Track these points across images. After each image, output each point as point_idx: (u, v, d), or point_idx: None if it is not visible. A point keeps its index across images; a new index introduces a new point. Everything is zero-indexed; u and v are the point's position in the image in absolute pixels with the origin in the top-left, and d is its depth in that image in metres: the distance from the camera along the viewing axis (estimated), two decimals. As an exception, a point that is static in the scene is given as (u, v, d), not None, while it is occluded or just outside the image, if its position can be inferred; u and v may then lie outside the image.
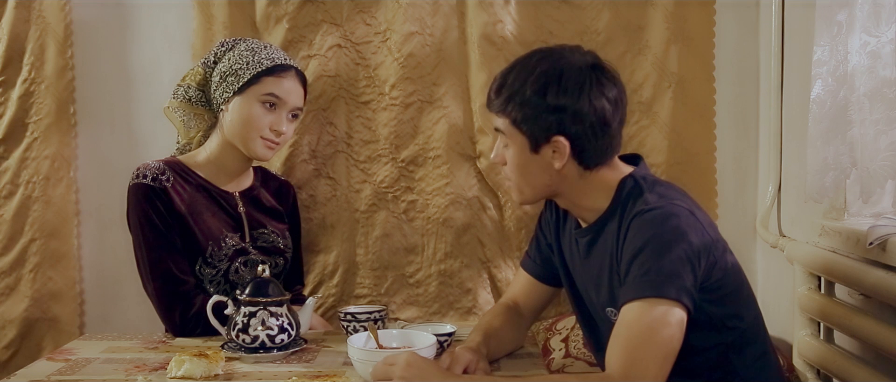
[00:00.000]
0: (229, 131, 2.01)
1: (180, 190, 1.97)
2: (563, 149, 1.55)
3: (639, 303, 1.44)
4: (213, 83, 2.02)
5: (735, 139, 2.38)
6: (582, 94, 1.53)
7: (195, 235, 1.96)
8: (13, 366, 2.27)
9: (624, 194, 1.58)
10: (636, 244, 1.48)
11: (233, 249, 2.00)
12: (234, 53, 2.00)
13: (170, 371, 1.63)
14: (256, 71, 1.96)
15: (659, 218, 1.48)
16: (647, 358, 1.41)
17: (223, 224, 2.01)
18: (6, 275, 2.37)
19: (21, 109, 2.34)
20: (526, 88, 1.55)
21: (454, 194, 2.35)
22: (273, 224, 2.11)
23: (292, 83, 2.00)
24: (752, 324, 1.61)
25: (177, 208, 1.95)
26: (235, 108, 1.98)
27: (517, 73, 1.58)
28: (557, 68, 1.55)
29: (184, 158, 2.05)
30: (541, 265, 1.84)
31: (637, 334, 1.43)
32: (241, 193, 2.08)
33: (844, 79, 1.76)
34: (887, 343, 1.65)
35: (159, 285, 1.93)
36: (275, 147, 2.01)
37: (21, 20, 2.32)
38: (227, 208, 2.03)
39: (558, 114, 1.53)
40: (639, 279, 1.45)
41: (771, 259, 2.26)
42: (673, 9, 2.30)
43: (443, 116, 2.34)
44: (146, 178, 1.95)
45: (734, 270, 1.58)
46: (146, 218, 1.93)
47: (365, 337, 1.70)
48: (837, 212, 1.93)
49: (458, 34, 2.33)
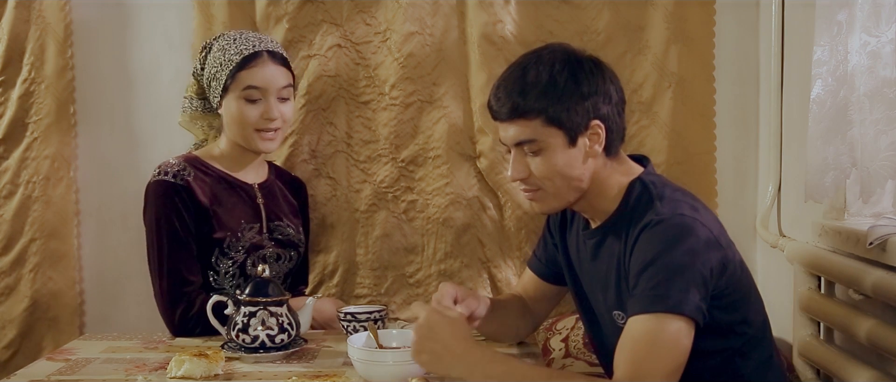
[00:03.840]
0: (229, 132, 2.04)
1: (201, 183, 1.99)
2: (600, 133, 1.54)
3: (647, 316, 1.42)
4: (206, 90, 2.06)
5: (735, 139, 2.38)
6: (604, 76, 1.56)
7: (215, 225, 1.98)
8: (13, 366, 2.27)
9: (633, 199, 1.57)
10: (646, 256, 1.46)
11: (250, 241, 2.01)
12: (211, 56, 2.02)
13: (170, 371, 1.63)
14: (229, 70, 1.97)
15: (669, 230, 1.46)
16: (654, 373, 1.40)
17: (243, 215, 2.03)
18: (6, 275, 2.37)
19: (21, 109, 2.34)
20: (557, 81, 1.52)
21: (454, 194, 2.35)
22: (289, 218, 2.12)
23: (268, 68, 1.99)
24: (759, 330, 1.60)
25: (199, 201, 1.97)
26: (226, 109, 2.01)
27: (535, 72, 1.54)
28: (573, 58, 1.55)
29: (200, 153, 2.07)
30: (545, 264, 1.84)
31: (644, 348, 1.42)
32: (259, 184, 2.09)
33: (844, 79, 1.76)
34: (887, 343, 1.65)
35: (166, 283, 1.94)
36: (274, 136, 2.02)
37: (21, 20, 2.32)
38: (247, 199, 2.05)
39: (593, 98, 1.53)
40: (648, 293, 1.44)
41: (771, 259, 2.26)
42: (673, 9, 2.30)
43: (443, 116, 2.34)
44: (168, 175, 1.96)
45: (744, 276, 1.57)
46: (164, 216, 1.94)
47: (365, 337, 1.70)
48: (837, 212, 1.93)
49: (458, 34, 2.33)
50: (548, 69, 1.53)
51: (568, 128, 1.53)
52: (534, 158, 1.56)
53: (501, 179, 2.31)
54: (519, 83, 1.54)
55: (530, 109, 1.53)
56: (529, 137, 1.54)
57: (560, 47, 1.59)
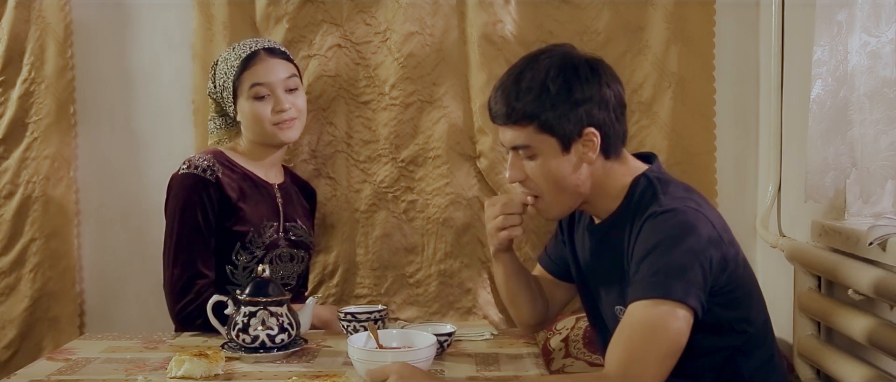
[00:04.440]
0: (250, 133, 2.08)
1: (229, 179, 2.02)
2: (595, 140, 1.54)
3: (644, 303, 1.43)
4: (222, 104, 2.10)
5: (735, 139, 2.37)
6: (601, 81, 1.55)
7: (240, 219, 2.00)
8: (13, 366, 2.27)
9: (637, 193, 1.57)
10: (647, 245, 1.47)
11: (270, 238, 2.04)
12: (216, 73, 2.08)
13: (170, 371, 1.63)
14: (234, 76, 2.03)
15: (671, 220, 1.47)
16: (648, 357, 1.41)
17: (265, 213, 2.06)
18: (6, 275, 2.37)
19: (21, 109, 2.34)
20: (549, 88, 1.52)
21: (454, 194, 2.35)
22: (302, 219, 2.15)
23: (267, 63, 2.03)
24: (761, 329, 1.60)
25: (228, 196, 1.99)
26: (241, 113, 2.06)
27: (530, 78, 1.54)
28: (569, 62, 1.55)
29: (225, 150, 2.10)
30: (555, 261, 1.85)
31: (639, 333, 1.43)
32: (278, 185, 2.13)
33: (844, 79, 1.76)
34: (887, 343, 1.65)
35: (178, 271, 1.96)
36: (292, 124, 2.06)
37: (21, 20, 2.32)
38: (267, 198, 2.08)
39: (586, 105, 1.53)
40: (647, 279, 1.45)
41: (771, 259, 2.26)
42: (673, 9, 2.30)
43: (443, 116, 2.34)
44: (198, 168, 1.99)
45: (746, 274, 1.57)
46: (189, 207, 1.97)
47: (365, 337, 1.70)
48: (837, 212, 1.93)
49: (458, 34, 2.33)
50: (541, 76, 1.53)
51: (560, 135, 1.54)
52: (529, 162, 1.58)
53: (501, 179, 2.31)
54: (513, 89, 1.55)
55: (523, 116, 1.54)
56: (524, 142, 1.56)
57: (559, 51, 1.58)
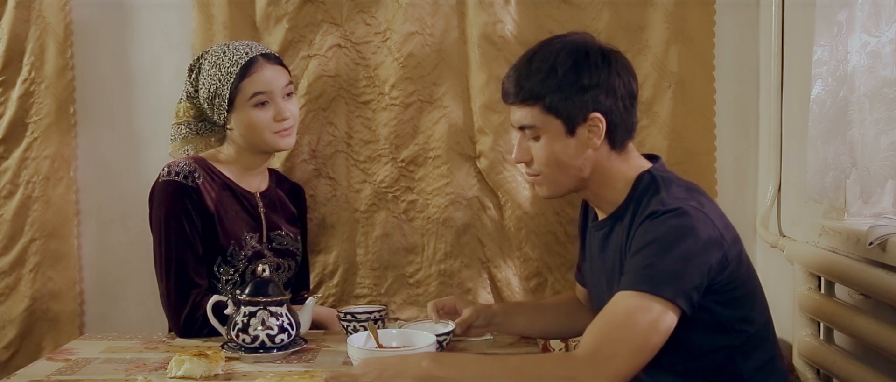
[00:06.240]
0: (244, 141, 2.03)
1: (209, 188, 1.98)
2: (600, 126, 1.56)
3: (630, 293, 1.43)
4: (207, 110, 2.04)
5: (735, 139, 2.38)
6: (611, 69, 1.56)
7: (220, 233, 1.97)
8: (13, 366, 2.27)
9: (640, 190, 1.58)
10: (643, 241, 1.48)
11: (252, 250, 2.01)
12: (204, 76, 2.00)
13: (170, 371, 1.63)
14: (231, 82, 1.97)
15: (671, 218, 1.47)
16: (620, 345, 1.39)
17: (245, 224, 2.02)
18: (6, 275, 2.37)
19: (21, 109, 2.34)
20: (557, 70, 1.54)
21: (454, 194, 2.35)
22: (288, 227, 2.12)
23: (267, 70, 2.00)
24: (761, 329, 1.60)
25: (207, 206, 1.96)
26: (236, 122, 2.00)
27: (540, 59, 1.57)
28: (581, 48, 1.57)
29: (206, 156, 2.06)
30: (584, 272, 1.85)
31: (616, 320, 1.42)
32: (261, 193, 2.09)
33: (844, 79, 1.76)
34: (887, 343, 1.65)
35: (173, 284, 1.93)
36: (290, 131, 2.03)
37: (21, 20, 2.32)
38: (248, 208, 2.05)
39: (594, 91, 1.55)
40: (637, 272, 1.45)
41: (771, 259, 2.26)
42: (673, 9, 2.30)
43: (443, 116, 2.34)
44: (178, 176, 1.95)
45: (747, 273, 1.57)
46: (173, 216, 1.93)
47: (365, 337, 1.70)
48: (837, 212, 1.93)
49: (458, 34, 2.33)
50: (552, 58, 1.56)
51: (565, 117, 1.56)
52: (534, 143, 1.61)
53: (501, 179, 2.31)
54: (524, 69, 1.58)
55: (530, 96, 1.57)
56: (530, 122, 1.59)
57: (575, 37, 1.61)
